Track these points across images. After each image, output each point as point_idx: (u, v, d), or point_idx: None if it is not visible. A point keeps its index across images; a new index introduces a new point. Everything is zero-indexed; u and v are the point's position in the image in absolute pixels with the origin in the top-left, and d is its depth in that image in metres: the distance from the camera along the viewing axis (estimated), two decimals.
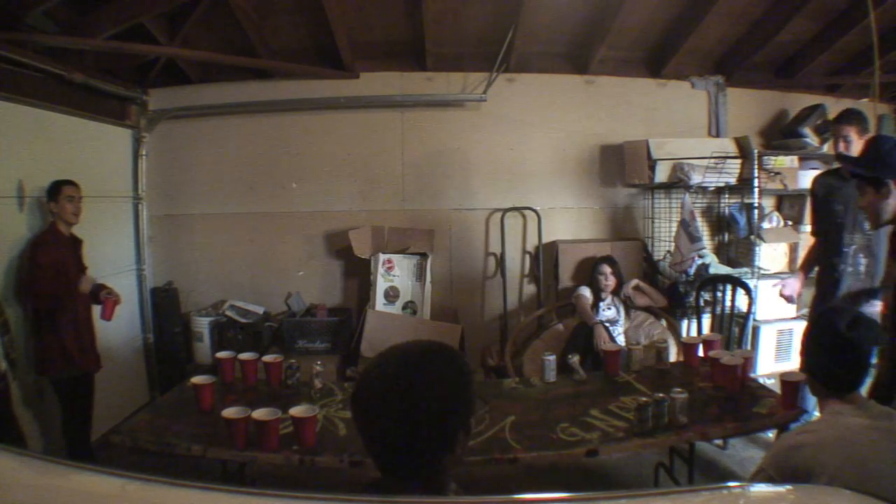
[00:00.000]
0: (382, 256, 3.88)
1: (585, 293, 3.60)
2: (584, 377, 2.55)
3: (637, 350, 2.72)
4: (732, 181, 3.93)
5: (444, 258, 4.25)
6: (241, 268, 4.26)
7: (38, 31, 3.07)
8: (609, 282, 3.59)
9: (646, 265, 4.14)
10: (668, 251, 4.05)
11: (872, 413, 1.38)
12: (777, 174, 3.98)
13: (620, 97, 4.29)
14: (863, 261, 2.63)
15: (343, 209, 4.22)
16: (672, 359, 3.01)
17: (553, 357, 2.57)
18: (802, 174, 4.03)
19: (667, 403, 2.05)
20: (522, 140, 4.25)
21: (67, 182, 2.83)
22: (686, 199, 3.86)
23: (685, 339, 2.89)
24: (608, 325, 3.44)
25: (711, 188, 4.00)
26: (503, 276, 4.22)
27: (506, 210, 4.23)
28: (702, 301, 3.66)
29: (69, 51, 3.31)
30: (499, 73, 4.04)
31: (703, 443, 3.00)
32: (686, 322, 3.81)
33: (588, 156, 4.31)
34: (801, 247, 4.06)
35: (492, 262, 4.30)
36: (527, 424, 2.12)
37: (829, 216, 2.71)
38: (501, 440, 2.01)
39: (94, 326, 2.95)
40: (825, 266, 2.73)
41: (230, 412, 1.97)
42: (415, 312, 3.84)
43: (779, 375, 2.24)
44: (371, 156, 4.22)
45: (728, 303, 3.47)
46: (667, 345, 2.80)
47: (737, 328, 3.51)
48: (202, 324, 3.93)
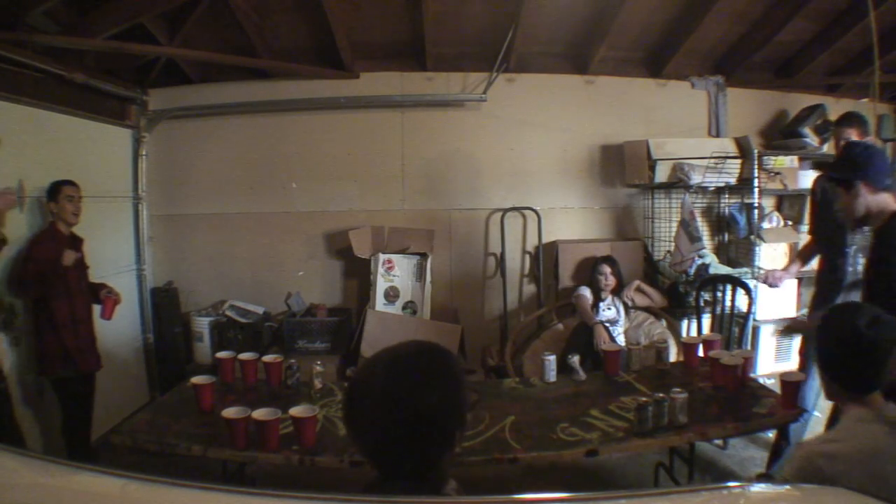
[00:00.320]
0: (382, 256, 3.88)
1: (585, 293, 3.60)
2: (584, 377, 2.55)
3: (637, 350, 2.72)
4: (732, 181, 3.93)
5: (444, 258, 4.25)
6: (241, 268, 4.26)
7: (38, 31, 3.07)
8: (609, 282, 3.59)
9: (646, 265, 4.14)
10: (668, 251, 4.05)
11: (891, 418, 1.33)
12: (777, 174, 3.98)
13: (620, 97, 4.29)
14: (861, 260, 2.63)
15: (343, 209, 4.22)
16: (672, 359, 3.01)
17: (553, 357, 2.57)
18: (802, 174, 4.04)
19: (667, 403, 2.05)
20: (522, 140, 4.25)
21: (67, 182, 2.83)
22: (686, 199, 3.86)
23: (685, 339, 2.89)
24: (608, 325, 3.44)
25: (711, 188, 4.00)
26: (503, 276, 4.21)
27: (506, 210, 4.23)
28: (702, 301, 3.66)
29: (69, 51, 3.31)
30: (499, 73, 4.04)
31: (703, 443, 3.00)
32: (686, 322, 3.81)
33: (588, 156, 4.31)
34: (801, 247, 4.07)
35: (492, 262, 4.30)
36: (527, 424, 2.12)
37: (830, 217, 2.72)
38: (501, 440, 2.01)
39: (94, 326, 2.95)
40: (827, 266, 2.73)
41: (230, 412, 1.97)
42: (415, 312, 3.85)
43: (779, 375, 2.25)
44: (371, 156, 4.22)
45: (728, 303, 3.47)
46: (667, 345, 2.80)
47: (737, 328, 3.51)
48: (202, 324, 3.92)
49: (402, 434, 0.94)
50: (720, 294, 3.52)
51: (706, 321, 3.67)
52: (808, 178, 4.03)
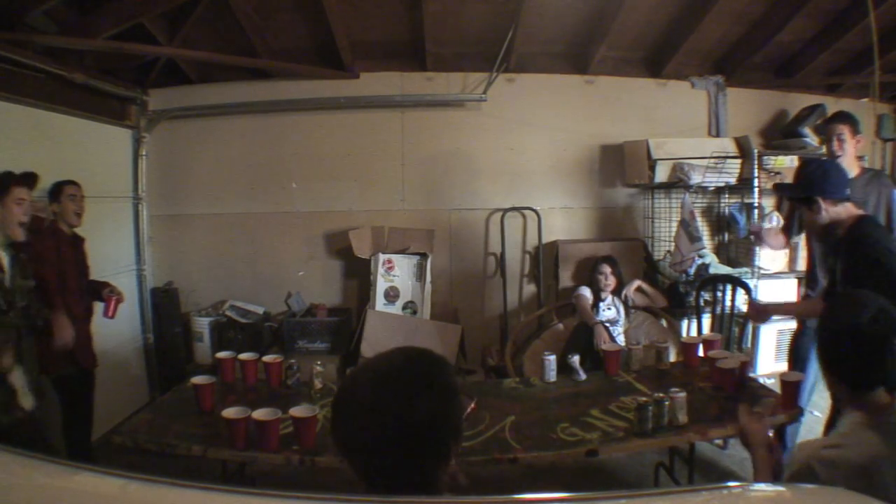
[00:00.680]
0: (382, 256, 3.88)
1: (585, 293, 3.60)
2: (584, 377, 2.55)
3: (637, 350, 2.72)
4: (732, 181, 3.93)
5: (444, 258, 4.25)
6: (241, 268, 4.26)
7: (38, 31, 3.07)
8: (609, 281, 3.59)
9: (646, 265, 4.14)
10: (668, 251, 4.05)
11: (891, 419, 1.28)
12: (777, 174, 3.98)
13: (620, 97, 4.29)
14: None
15: (343, 209, 4.22)
16: (672, 359, 3.01)
17: (553, 357, 2.57)
18: None
19: (667, 403, 2.05)
20: (522, 140, 4.25)
21: (69, 182, 2.82)
22: (686, 199, 3.86)
23: (685, 339, 2.89)
24: (608, 325, 3.44)
25: (711, 188, 4.00)
26: (503, 276, 4.22)
27: (506, 210, 4.23)
28: (702, 301, 3.66)
29: (69, 51, 3.31)
30: (499, 73, 4.04)
31: (703, 443, 3.00)
32: (686, 322, 3.81)
33: (588, 156, 4.31)
34: (801, 246, 4.06)
35: (492, 262, 4.30)
36: (527, 424, 2.12)
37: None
38: (501, 440, 2.01)
39: (92, 325, 2.94)
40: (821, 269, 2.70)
41: (230, 412, 1.97)
42: (415, 312, 3.85)
43: (779, 375, 2.25)
44: (371, 156, 4.22)
45: (728, 303, 3.47)
46: (667, 345, 2.80)
47: (737, 328, 3.51)
48: (202, 324, 3.93)
49: (394, 449, 0.89)
50: (720, 294, 3.52)
51: (706, 321, 3.67)
52: None
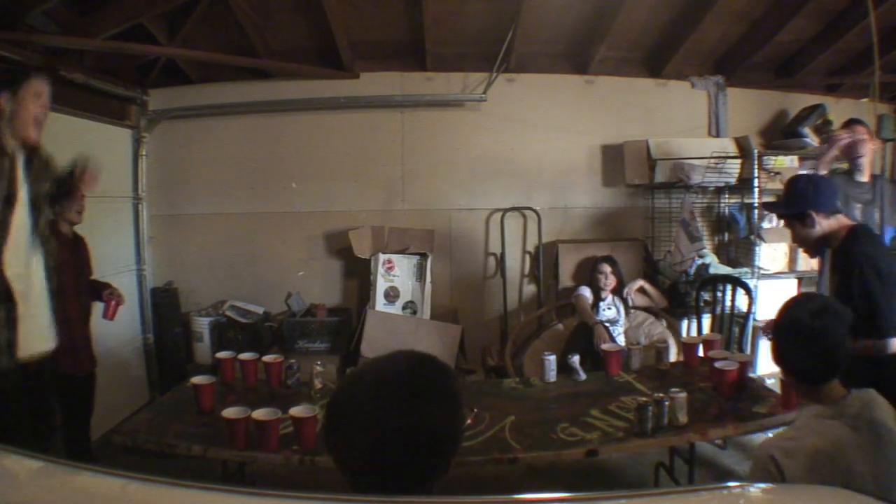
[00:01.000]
0: (382, 256, 3.88)
1: (585, 293, 3.60)
2: (584, 377, 2.55)
3: (637, 350, 2.72)
4: (732, 181, 3.93)
5: (444, 258, 4.24)
6: (241, 268, 4.25)
7: (38, 31, 3.07)
8: (609, 281, 3.58)
9: (646, 265, 4.14)
10: (668, 251, 4.05)
11: (847, 411, 1.33)
12: (777, 174, 3.98)
13: (620, 97, 4.29)
14: None
15: (343, 209, 4.22)
16: (672, 359, 3.01)
17: (553, 357, 2.57)
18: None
19: (667, 403, 2.05)
20: (522, 140, 4.24)
21: None
22: (686, 199, 3.86)
23: (685, 339, 2.89)
24: (608, 325, 3.44)
25: (711, 188, 4.00)
26: (503, 276, 4.22)
27: (506, 210, 4.22)
28: (702, 301, 3.66)
29: (69, 51, 3.31)
30: (499, 74, 4.04)
31: (703, 443, 3.00)
32: (686, 322, 3.81)
33: (588, 156, 4.31)
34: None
35: (492, 262, 4.30)
36: (527, 424, 2.12)
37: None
38: (501, 440, 2.01)
39: (91, 326, 2.94)
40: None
41: (230, 412, 1.97)
42: (415, 312, 3.85)
43: (779, 375, 2.25)
44: (371, 156, 4.22)
45: (728, 303, 3.47)
46: (667, 345, 2.81)
47: (737, 328, 3.51)
48: (202, 324, 3.92)
49: (391, 457, 0.84)
50: (720, 294, 3.52)
51: (706, 321, 3.67)
52: None
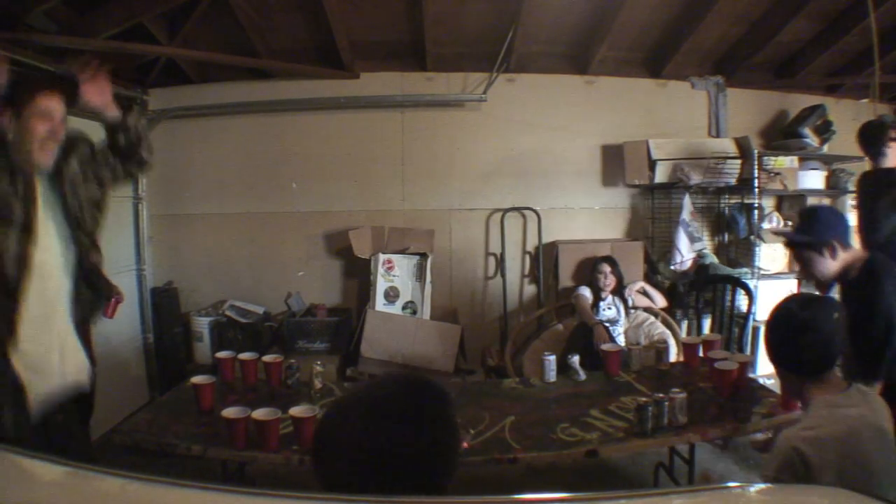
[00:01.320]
0: (382, 256, 3.88)
1: (585, 293, 3.60)
2: (584, 377, 2.55)
3: (637, 350, 2.72)
4: (732, 181, 3.93)
5: (444, 258, 4.24)
6: (241, 268, 4.25)
7: (38, 31, 3.07)
8: (608, 281, 3.58)
9: (646, 265, 4.14)
10: (668, 251, 4.05)
11: (855, 400, 1.37)
12: (777, 174, 3.98)
13: (620, 97, 4.28)
14: None
15: (343, 209, 4.22)
16: (672, 359, 3.01)
17: (553, 357, 2.57)
18: (802, 175, 4.04)
19: (666, 403, 2.05)
20: (522, 140, 4.24)
21: None
22: (686, 200, 3.86)
23: (685, 340, 2.89)
24: (608, 325, 3.44)
25: (711, 188, 4.00)
26: (503, 276, 4.22)
27: (506, 210, 4.22)
28: (702, 301, 3.66)
29: (69, 51, 3.30)
30: (499, 74, 4.04)
31: (703, 443, 2.99)
32: (686, 322, 3.81)
33: (588, 156, 4.31)
34: None
35: (492, 262, 4.30)
36: (527, 424, 2.12)
37: (891, 220, 2.53)
38: (501, 440, 2.01)
39: (90, 325, 2.93)
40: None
41: (230, 412, 1.97)
42: (415, 312, 3.85)
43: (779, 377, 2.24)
44: (371, 156, 4.22)
45: (728, 303, 3.47)
46: (667, 345, 2.81)
47: (737, 328, 3.52)
48: (202, 324, 3.92)
49: (382, 486, 0.81)
50: (720, 294, 3.53)
51: (706, 321, 3.67)
52: (808, 179, 4.04)
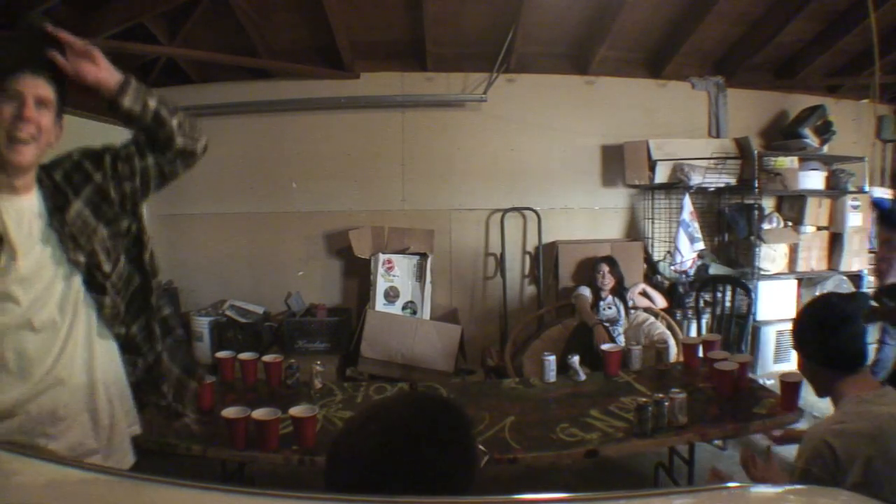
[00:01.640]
0: (382, 256, 3.88)
1: (585, 293, 3.60)
2: (584, 377, 2.55)
3: (637, 350, 2.72)
4: (732, 182, 3.93)
5: (444, 258, 4.24)
6: (241, 268, 4.26)
7: None
8: (607, 281, 3.58)
9: (646, 265, 4.14)
10: (668, 251, 4.05)
11: (888, 399, 1.36)
12: (777, 175, 3.98)
13: (620, 97, 4.29)
14: None
15: (343, 209, 4.22)
16: (672, 359, 3.01)
17: (553, 357, 2.58)
18: (802, 175, 4.03)
19: (666, 403, 2.05)
20: (522, 140, 4.25)
21: None
22: (686, 200, 3.86)
23: (685, 340, 2.89)
24: (608, 325, 3.44)
25: (711, 189, 4.00)
26: (503, 277, 4.22)
27: (506, 210, 4.22)
28: (702, 301, 3.66)
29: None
30: (499, 74, 4.04)
31: (703, 443, 2.99)
32: (686, 322, 3.81)
33: (588, 156, 4.31)
34: (801, 247, 4.07)
35: (492, 262, 4.30)
36: (527, 424, 2.12)
37: None
38: (501, 440, 2.01)
39: None
40: None
41: (230, 412, 1.97)
42: (415, 312, 3.84)
43: (778, 376, 2.24)
44: (371, 156, 4.22)
45: (728, 303, 3.47)
46: (667, 345, 2.81)
47: (737, 328, 3.52)
48: (202, 324, 3.92)
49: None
50: (720, 294, 3.53)
51: (706, 321, 3.67)
52: (809, 179, 4.04)
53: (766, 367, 3.88)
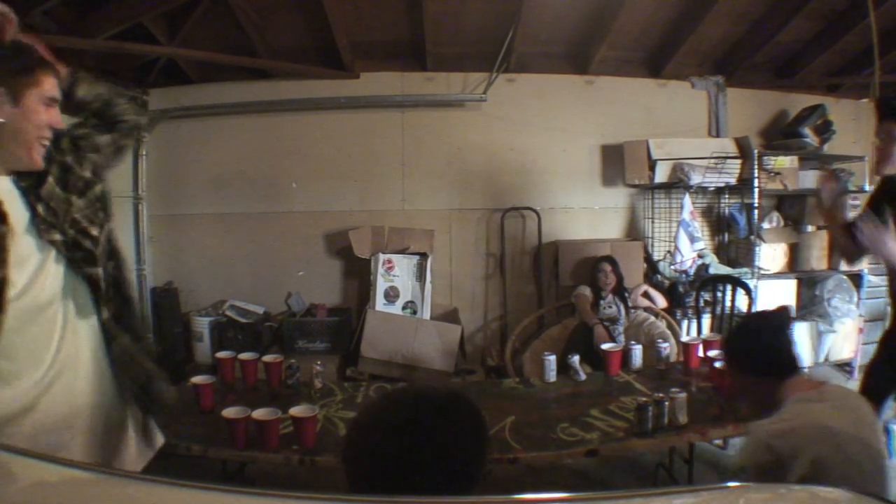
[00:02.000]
0: (382, 256, 3.88)
1: (585, 292, 3.60)
2: (584, 377, 2.55)
3: (637, 349, 2.72)
4: (732, 181, 3.93)
5: (444, 258, 4.24)
6: (241, 268, 4.26)
7: (38, 31, 3.07)
8: (609, 280, 3.58)
9: (646, 265, 4.14)
10: (668, 251, 4.05)
11: (830, 396, 1.39)
12: (777, 174, 3.98)
13: (620, 97, 4.29)
14: None
15: (343, 209, 4.22)
16: (672, 359, 3.01)
17: (553, 357, 2.58)
18: (802, 174, 4.04)
19: (667, 404, 2.05)
20: (522, 140, 4.24)
21: None
22: (686, 200, 3.86)
23: (685, 340, 2.89)
24: (609, 324, 3.44)
25: (711, 188, 4.00)
26: (503, 276, 4.22)
27: (506, 210, 4.23)
28: (702, 301, 3.66)
29: (69, 51, 3.30)
30: (499, 74, 4.04)
31: (703, 443, 2.99)
32: (686, 322, 3.81)
33: (588, 156, 4.31)
34: (802, 247, 4.07)
35: (492, 262, 4.30)
36: (527, 424, 2.12)
37: None
38: (501, 440, 2.01)
39: None
40: None
41: (230, 412, 1.97)
42: (415, 312, 3.85)
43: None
44: (371, 156, 4.22)
45: (728, 303, 3.47)
46: (667, 345, 2.80)
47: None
48: (202, 324, 3.92)
49: (416, 475, 0.89)
50: (720, 294, 3.53)
51: (706, 321, 3.67)
52: (808, 179, 4.04)
53: None
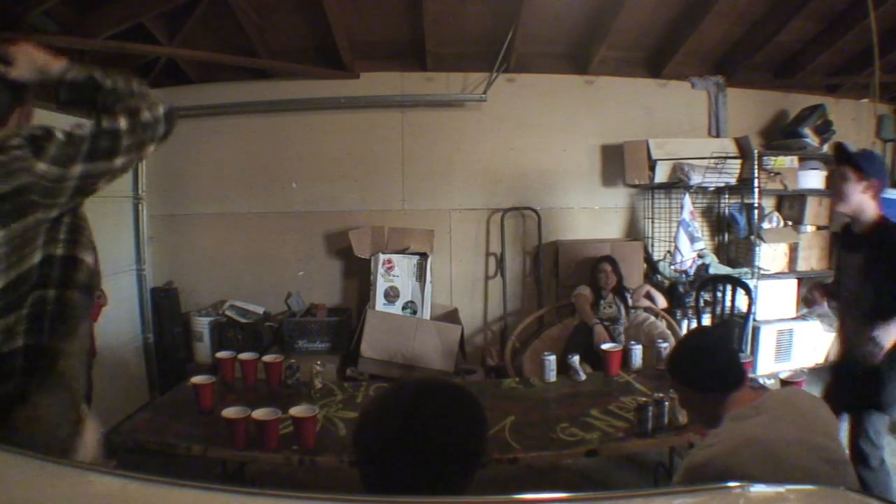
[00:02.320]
0: (382, 256, 3.88)
1: (585, 292, 3.60)
2: (584, 377, 2.55)
3: (637, 349, 2.72)
4: (732, 181, 3.93)
5: (444, 258, 4.25)
6: (241, 268, 4.25)
7: (39, 31, 3.07)
8: (609, 280, 3.58)
9: (646, 265, 4.14)
10: (668, 251, 4.05)
11: (770, 404, 1.38)
12: (777, 174, 3.98)
13: (620, 97, 4.29)
14: None
15: (343, 209, 4.22)
16: None
17: (553, 357, 2.58)
18: (802, 174, 4.04)
19: (667, 403, 2.05)
20: (522, 140, 4.24)
21: None
22: (686, 200, 3.86)
23: None
24: (609, 324, 3.44)
25: (711, 188, 4.00)
26: (503, 276, 4.22)
27: (506, 210, 4.22)
28: (702, 301, 3.66)
29: (69, 51, 3.30)
30: (499, 74, 4.04)
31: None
32: (686, 322, 3.81)
33: (588, 156, 4.31)
34: (802, 247, 4.07)
35: (492, 262, 4.30)
36: (527, 424, 2.12)
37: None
38: (501, 440, 2.02)
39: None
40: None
41: (230, 412, 1.97)
42: (415, 312, 3.85)
43: (779, 377, 2.25)
44: (371, 156, 4.22)
45: (728, 303, 3.47)
46: (667, 345, 2.81)
47: (737, 328, 3.51)
48: (202, 324, 3.92)
49: (421, 459, 0.92)
50: (720, 294, 3.53)
51: (706, 321, 3.67)
52: (808, 179, 4.05)
53: (766, 367, 3.88)
